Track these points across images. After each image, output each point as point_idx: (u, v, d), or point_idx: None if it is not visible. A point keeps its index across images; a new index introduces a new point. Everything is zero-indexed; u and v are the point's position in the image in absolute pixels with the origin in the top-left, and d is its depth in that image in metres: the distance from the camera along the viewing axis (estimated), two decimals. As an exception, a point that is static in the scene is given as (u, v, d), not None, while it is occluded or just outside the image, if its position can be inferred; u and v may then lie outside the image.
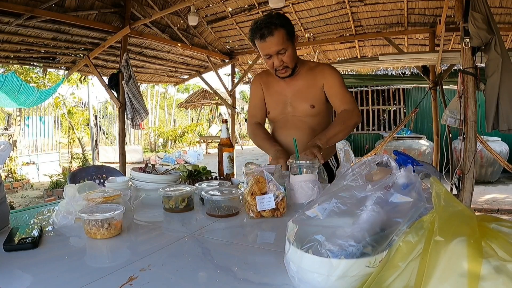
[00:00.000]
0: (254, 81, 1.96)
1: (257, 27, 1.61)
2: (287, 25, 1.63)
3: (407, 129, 7.43)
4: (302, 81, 1.79)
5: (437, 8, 4.75)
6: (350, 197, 0.66)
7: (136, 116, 4.78)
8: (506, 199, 5.99)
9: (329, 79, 1.75)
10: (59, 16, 4.08)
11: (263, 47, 1.64)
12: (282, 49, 1.63)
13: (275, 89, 1.85)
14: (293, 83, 1.80)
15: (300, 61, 1.80)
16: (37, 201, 6.71)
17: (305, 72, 1.79)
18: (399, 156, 1.19)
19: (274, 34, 1.59)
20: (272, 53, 1.64)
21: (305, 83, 1.78)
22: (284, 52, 1.64)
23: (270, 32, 1.58)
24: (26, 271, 0.81)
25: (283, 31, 1.61)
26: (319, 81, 1.76)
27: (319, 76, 1.76)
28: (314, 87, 1.77)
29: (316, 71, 1.78)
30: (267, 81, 1.89)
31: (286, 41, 1.62)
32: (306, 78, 1.78)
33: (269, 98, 1.89)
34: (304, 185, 1.25)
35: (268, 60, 1.68)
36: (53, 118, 11.34)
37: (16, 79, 5.60)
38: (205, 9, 5.59)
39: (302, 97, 1.78)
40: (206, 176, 1.65)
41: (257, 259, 0.86)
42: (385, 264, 0.57)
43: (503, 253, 0.48)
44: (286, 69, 1.70)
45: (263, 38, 1.60)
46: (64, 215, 1.11)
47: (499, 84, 2.86)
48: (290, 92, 1.81)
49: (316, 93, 1.77)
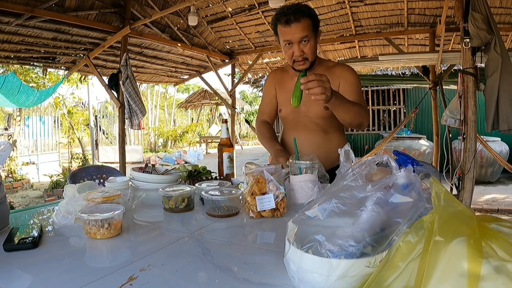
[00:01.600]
0: (268, 79, 1.92)
1: (283, 12, 1.57)
2: (314, 17, 1.60)
3: (407, 129, 7.43)
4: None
5: (437, 8, 4.75)
6: (350, 197, 0.66)
7: (134, 117, 4.78)
8: (506, 199, 5.99)
9: (347, 78, 1.70)
10: (59, 16, 4.08)
11: (286, 32, 1.58)
12: (306, 36, 1.57)
13: (289, 86, 1.77)
14: None
15: (319, 59, 1.75)
16: (37, 201, 6.71)
17: (323, 71, 1.71)
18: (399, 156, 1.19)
19: (301, 21, 1.55)
20: (294, 40, 1.59)
21: None
22: (306, 42, 1.59)
23: (297, 18, 1.55)
24: (26, 271, 0.81)
25: (309, 21, 1.57)
26: (335, 81, 1.68)
27: (336, 75, 1.70)
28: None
29: (334, 70, 1.72)
30: (281, 78, 1.84)
31: (310, 31, 1.58)
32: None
33: (281, 95, 1.85)
34: (304, 185, 1.25)
35: (289, 48, 1.62)
36: (53, 118, 11.34)
37: (16, 80, 5.60)
38: (205, 9, 5.59)
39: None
40: (206, 176, 1.65)
41: (257, 259, 0.86)
42: (385, 264, 0.57)
43: (503, 253, 0.48)
44: (305, 61, 1.64)
45: (288, 23, 1.56)
46: (64, 215, 1.11)
47: (499, 84, 2.86)
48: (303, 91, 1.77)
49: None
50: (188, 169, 1.67)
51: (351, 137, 9.87)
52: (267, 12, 5.44)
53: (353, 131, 9.94)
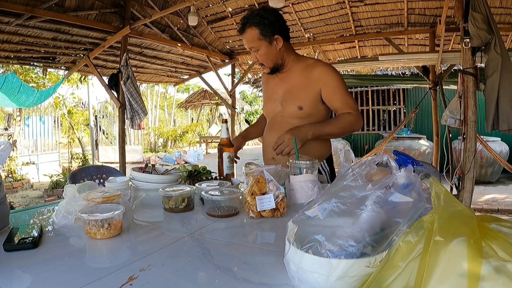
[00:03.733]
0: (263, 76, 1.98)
1: (240, 21, 1.66)
2: (262, 25, 1.59)
3: (407, 129, 7.42)
4: (295, 79, 1.71)
5: (437, 8, 4.75)
6: (350, 197, 0.66)
7: (135, 116, 4.78)
8: (506, 199, 5.99)
9: (328, 83, 1.65)
10: (59, 16, 4.08)
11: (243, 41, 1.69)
12: (253, 47, 1.64)
13: (270, 85, 1.83)
14: (286, 80, 1.74)
15: (294, 58, 1.73)
16: (37, 201, 6.71)
17: (300, 70, 1.70)
18: (399, 156, 1.19)
19: (246, 32, 1.62)
20: (248, 48, 1.67)
21: (297, 83, 1.70)
22: (256, 50, 1.65)
23: (243, 30, 1.63)
24: (26, 271, 0.81)
25: (255, 30, 1.60)
26: (314, 84, 1.66)
27: (315, 77, 1.67)
28: (307, 88, 1.68)
29: (314, 71, 1.67)
30: (268, 76, 1.86)
31: (257, 40, 1.61)
32: (300, 77, 1.70)
33: (264, 94, 1.91)
34: (304, 185, 1.25)
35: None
36: (53, 118, 11.34)
37: (16, 80, 5.60)
38: (205, 9, 5.59)
39: (291, 97, 1.71)
40: (206, 176, 1.65)
41: (257, 259, 0.86)
42: (385, 264, 0.57)
43: (503, 253, 0.48)
44: (263, 66, 1.70)
45: (240, 34, 1.67)
46: (64, 215, 1.11)
47: (499, 84, 2.86)
48: (281, 90, 1.75)
49: (307, 94, 1.68)
50: (188, 169, 1.67)
51: (351, 137, 9.86)
52: (267, 12, 5.44)
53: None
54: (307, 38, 5.93)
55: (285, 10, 5.34)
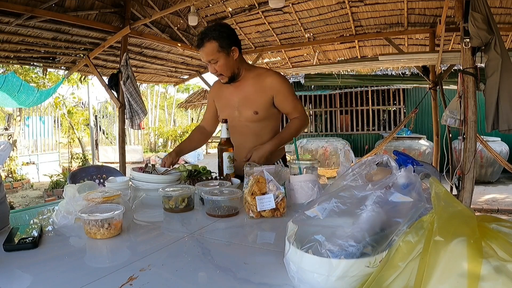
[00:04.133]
0: (210, 91, 2.15)
1: (198, 37, 1.77)
2: (220, 38, 1.73)
3: (407, 129, 7.43)
4: (249, 87, 1.88)
5: (437, 8, 4.75)
6: (350, 197, 0.66)
7: (135, 116, 4.78)
8: (506, 199, 5.99)
9: (280, 90, 1.85)
10: (59, 16, 4.07)
11: (200, 54, 1.80)
12: (212, 59, 1.75)
13: (225, 94, 1.97)
14: (241, 88, 1.90)
15: (247, 68, 1.90)
16: (37, 201, 6.71)
17: (253, 79, 1.88)
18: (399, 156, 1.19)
19: (205, 46, 1.73)
20: (205, 61, 1.79)
21: (252, 90, 1.87)
22: (215, 62, 1.76)
23: (202, 44, 1.74)
24: (26, 271, 0.81)
25: (215, 44, 1.72)
26: (267, 91, 1.85)
27: (268, 85, 1.85)
28: (260, 94, 1.86)
29: (265, 79, 1.86)
30: (219, 89, 2.02)
31: (216, 53, 1.74)
32: (253, 85, 1.88)
33: (219, 102, 2.03)
34: (304, 185, 1.25)
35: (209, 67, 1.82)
36: (53, 118, 11.34)
37: (16, 79, 5.60)
38: (205, 9, 5.58)
39: (247, 103, 1.88)
40: (206, 176, 1.65)
41: (257, 259, 0.86)
42: (385, 264, 0.57)
43: (503, 253, 0.48)
44: (221, 76, 1.82)
45: (198, 48, 1.77)
46: (64, 215, 1.11)
47: (499, 84, 2.86)
48: (237, 97, 1.91)
49: (261, 100, 1.86)
50: (188, 169, 1.67)
51: (351, 137, 9.87)
52: (267, 12, 5.44)
53: (353, 131, 9.95)
54: (307, 38, 5.93)
55: (285, 10, 5.34)
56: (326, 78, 7.26)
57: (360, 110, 9.86)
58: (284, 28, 5.82)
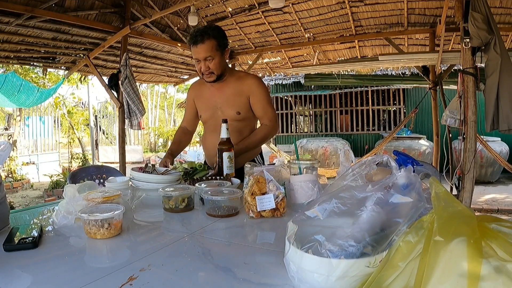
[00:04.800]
0: (189, 91, 2.19)
1: (192, 34, 1.81)
2: (219, 38, 1.84)
3: (407, 129, 7.43)
4: (230, 89, 1.97)
5: (437, 8, 4.74)
6: (350, 197, 0.66)
7: (133, 117, 4.77)
8: (506, 199, 5.99)
9: (255, 92, 1.95)
10: (59, 16, 4.07)
11: (194, 52, 1.84)
12: (209, 56, 1.82)
13: (206, 94, 2.04)
14: (222, 90, 1.98)
15: (229, 71, 1.99)
16: (37, 201, 6.71)
17: (234, 81, 1.97)
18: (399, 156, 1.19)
19: (205, 42, 1.79)
20: (200, 58, 1.83)
21: (233, 92, 1.97)
22: (211, 60, 1.83)
23: (202, 40, 1.79)
24: (26, 271, 0.81)
25: (214, 42, 1.81)
26: (246, 92, 1.95)
27: (246, 87, 1.95)
28: (240, 96, 1.96)
29: (245, 82, 1.97)
30: (199, 89, 2.09)
31: (214, 51, 1.82)
32: (234, 87, 1.97)
33: (200, 103, 2.09)
34: (304, 185, 1.25)
35: (198, 64, 1.87)
36: (53, 118, 11.35)
37: (16, 79, 5.60)
38: (205, 9, 5.58)
39: (229, 104, 1.97)
40: (205, 175, 1.65)
41: (257, 259, 0.86)
42: (385, 264, 0.57)
43: (503, 253, 0.48)
44: (211, 74, 1.88)
45: (195, 44, 1.80)
46: (64, 215, 1.11)
47: (499, 84, 2.86)
48: (219, 98, 1.99)
49: (242, 101, 1.96)
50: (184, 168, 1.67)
51: (351, 137, 9.87)
52: (267, 12, 5.44)
53: (353, 131, 9.96)
54: (307, 38, 5.93)
55: (285, 10, 5.34)
56: (326, 78, 7.26)
57: (360, 110, 9.87)
58: (284, 28, 5.82)
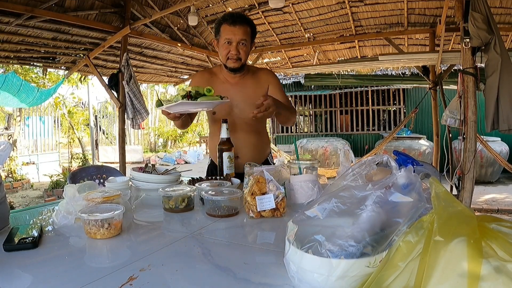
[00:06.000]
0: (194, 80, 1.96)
1: (231, 14, 1.78)
2: (254, 29, 1.83)
3: (407, 129, 7.43)
4: (248, 85, 1.90)
5: (437, 8, 4.75)
6: (350, 197, 0.66)
7: (137, 116, 4.77)
8: (506, 199, 5.99)
9: (273, 82, 1.93)
10: (59, 16, 4.07)
11: (230, 31, 1.76)
12: (245, 40, 1.77)
13: (219, 89, 1.84)
14: (240, 86, 1.89)
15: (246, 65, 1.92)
16: (37, 201, 6.71)
17: (251, 76, 1.92)
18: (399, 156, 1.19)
19: (244, 25, 1.77)
20: (235, 39, 1.76)
21: (252, 87, 1.89)
22: (244, 45, 1.78)
23: (242, 22, 1.76)
24: (26, 271, 0.81)
25: (250, 29, 1.81)
26: (264, 84, 1.91)
27: (263, 79, 1.92)
28: (260, 91, 1.87)
29: (260, 73, 1.95)
30: (210, 80, 1.89)
31: (249, 37, 1.80)
32: (252, 82, 1.91)
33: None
34: (304, 185, 1.25)
35: (227, 47, 1.78)
36: (53, 118, 11.35)
37: (16, 79, 5.60)
38: (205, 9, 5.58)
39: (250, 101, 1.82)
40: (208, 96, 1.53)
41: (257, 259, 0.86)
42: (385, 264, 0.57)
43: (503, 253, 0.48)
44: (238, 60, 1.80)
45: (234, 24, 1.75)
46: (64, 215, 1.11)
47: (499, 84, 2.86)
48: (236, 95, 1.86)
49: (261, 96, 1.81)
50: (186, 90, 1.51)
51: (351, 137, 9.87)
52: (267, 12, 5.44)
53: (353, 131, 9.95)
54: (307, 38, 5.93)
55: (285, 10, 5.34)
56: (326, 78, 7.26)
57: (360, 110, 9.87)
58: (284, 28, 5.82)
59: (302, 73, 7.73)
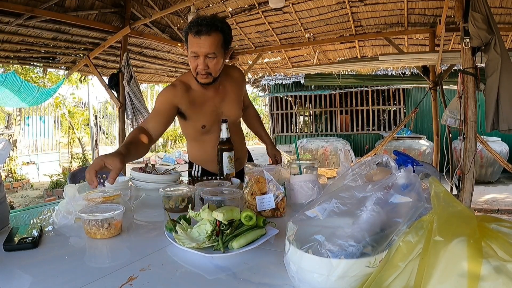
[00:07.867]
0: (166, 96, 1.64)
1: (196, 22, 1.49)
2: (227, 34, 1.55)
3: (407, 129, 7.43)
4: (228, 87, 1.76)
5: (437, 8, 4.74)
6: (350, 197, 0.66)
7: (138, 116, 4.77)
8: (506, 199, 5.99)
9: (244, 81, 1.90)
10: (59, 16, 4.07)
11: (194, 44, 1.51)
12: (212, 53, 1.52)
13: (201, 100, 1.68)
14: (220, 91, 1.73)
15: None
16: (37, 201, 6.71)
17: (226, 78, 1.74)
18: (399, 156, 1.19)
19: (211, 35, 1.49)
20: (201, 53, 1.52)
21: (231, 89, 1.77)
22: (212, 58, 1.54)
23: (208, 31, 1.48)
24: (26, 271, 0.81)
25: (221, 36, 1.52)
26: (241, 84, 1.85)
27: (237, 78, 1.82)
28: (239, 91, 1.83)
29: (232, 73, 1.80)
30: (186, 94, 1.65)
31: (219, 48, 1.53)
32: (231, 85, 1.77)
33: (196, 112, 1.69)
34: (304, 185, 1.25)
35: (194, 60, 1.55)
36: (53, 118, 11.35)
37: (16, 79, 5.60)
38: (205, 9, 5.58)
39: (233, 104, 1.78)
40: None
41: (257, 259, 0.86)
42: (385, 264, 0.57)
43: (503, 253, 0.48)
44: (208, 75, 1.57)
45: (198, 35, 1.48)
46: (64, 215, 1.11)
47: (499, 84, 2.86)
48: (219, 100, 1.73)
49: (241, 95, 1.86)
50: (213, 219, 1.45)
51: (351, 137, 9.87)
52: (267, 12, 5.44)
53: (353, 131, 9.95)
54: (307, 38, 5.93)
55: (285, 10, 5.34)
56: (326, 78, 7.26)
57: (360, 110, 9.87)
58: (284, 28, 5.82)
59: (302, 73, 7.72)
